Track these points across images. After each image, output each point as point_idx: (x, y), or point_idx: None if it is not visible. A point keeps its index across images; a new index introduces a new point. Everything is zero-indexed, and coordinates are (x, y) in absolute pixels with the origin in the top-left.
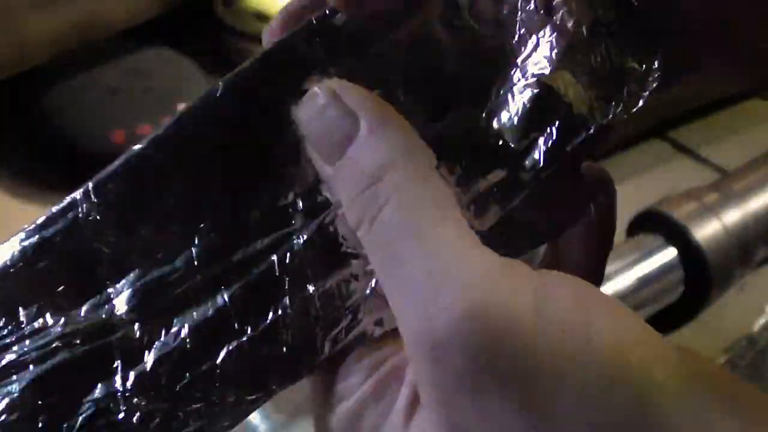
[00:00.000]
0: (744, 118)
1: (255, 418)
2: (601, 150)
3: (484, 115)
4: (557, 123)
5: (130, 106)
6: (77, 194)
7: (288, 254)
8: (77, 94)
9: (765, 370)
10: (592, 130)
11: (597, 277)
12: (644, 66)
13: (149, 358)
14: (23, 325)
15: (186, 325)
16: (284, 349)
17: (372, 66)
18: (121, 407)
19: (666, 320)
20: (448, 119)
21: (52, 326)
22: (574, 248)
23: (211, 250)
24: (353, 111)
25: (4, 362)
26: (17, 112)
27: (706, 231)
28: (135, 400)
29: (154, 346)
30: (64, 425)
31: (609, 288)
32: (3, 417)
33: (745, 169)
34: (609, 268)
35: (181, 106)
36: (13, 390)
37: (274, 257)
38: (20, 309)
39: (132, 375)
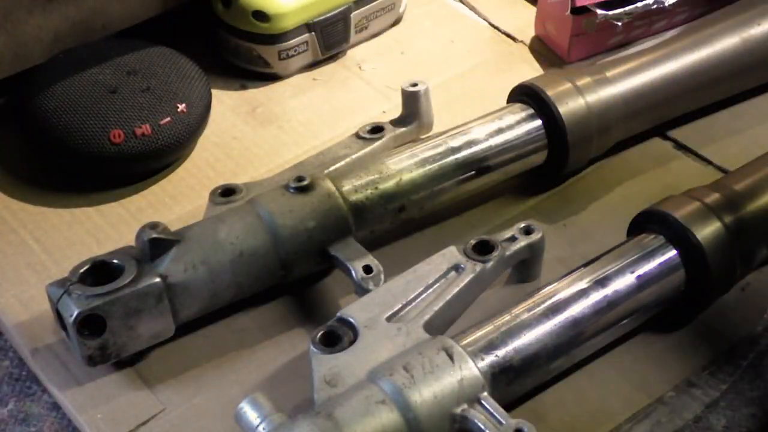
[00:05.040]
0: (744, 118)
1: (255, 418)
2: (602, 150)
3: None
4: None
5: (129, 106)
6: None
7: None
8: (77, 94)
9: (766, 371)
10: None
11: None
12: None
13: None
14: None
15: None
16: None
17: None
18: None
19: (667, 321)
20: None
21: None
22: None
23: None
24: None
25: None
26: (17, 111)
27: (707, 231)
28: None
29: None
30: None
31: (609, 288)
32: None
33: (746, 169)
34: (609, 268)
35: (182, 107)
36: None
37: None
38: None
39: None
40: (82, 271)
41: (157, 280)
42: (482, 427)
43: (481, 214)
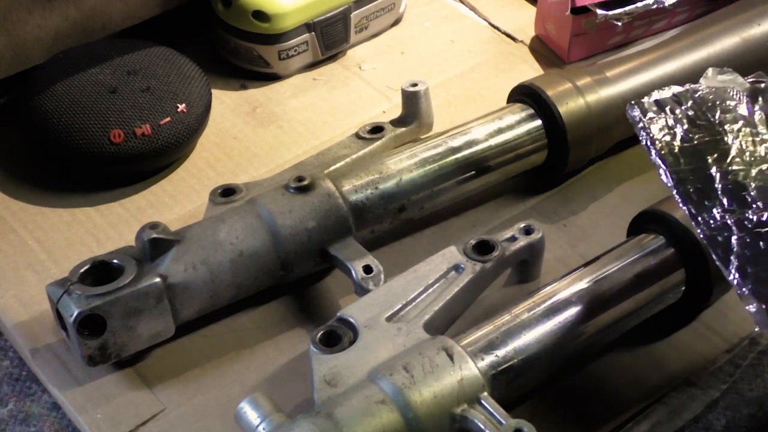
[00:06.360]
0: None
1: (255, 418)
2: (603, 150)
3: None
4: None
5: (129, 106)
6: None
7: None
8: (77, 94)
9: (766, 371)
10: None
11: None
12: None
13: None
14: None
15: None
16: None
17: None
18: None
19: (667, 320)
20: None
21: None
22: None
23: None
24: None
25: None
26: (17, 111)
27: None
28: None
29: None
30: None
31: (609, 288)
32: None
33: None
34: (609, 268)
35: (182, 107)
36: None
37: None
38: None
39: None
40: (82, 271)
41: (157, 280)
42: (482, 427)
43: (481, 214)
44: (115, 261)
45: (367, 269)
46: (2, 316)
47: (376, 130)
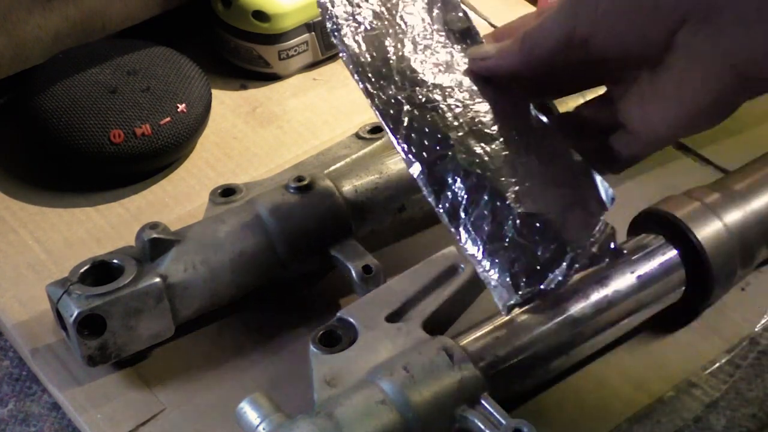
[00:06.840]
0: (744, 118)
1: (255, 418)
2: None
3: None
4: None
5: (129, 106)
6: None
7: None
8: (76, 94)
9: (766, 371)
10: None
11: None
12: None
13: None
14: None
15: None
16: None
17: None
18: None
19: (667, 320)
20: None
21: None
22: None
23: None
24: None
25: None
26: (17, 111)
27: (707, 231)
28: None
29: None
30: None
31: (609, 288)
32: None
33: (746, 169)
34: (609, 268)
35: (182, 107)
36: None
37: None
38: None
39: None
40: (82, 271)
41: (157, 280)
42: (482, 426)
43: None
44: (115, 261)
45: (367, 269)
46: (2, 316)
47: (376, 130)
